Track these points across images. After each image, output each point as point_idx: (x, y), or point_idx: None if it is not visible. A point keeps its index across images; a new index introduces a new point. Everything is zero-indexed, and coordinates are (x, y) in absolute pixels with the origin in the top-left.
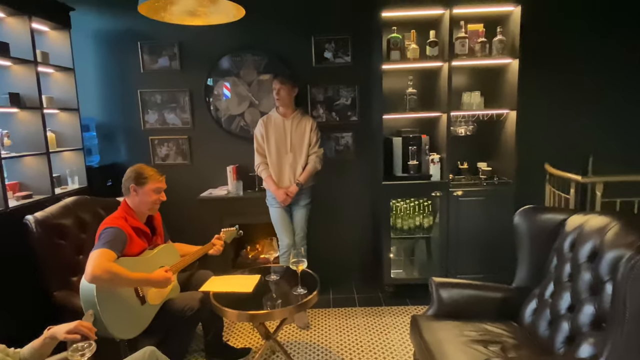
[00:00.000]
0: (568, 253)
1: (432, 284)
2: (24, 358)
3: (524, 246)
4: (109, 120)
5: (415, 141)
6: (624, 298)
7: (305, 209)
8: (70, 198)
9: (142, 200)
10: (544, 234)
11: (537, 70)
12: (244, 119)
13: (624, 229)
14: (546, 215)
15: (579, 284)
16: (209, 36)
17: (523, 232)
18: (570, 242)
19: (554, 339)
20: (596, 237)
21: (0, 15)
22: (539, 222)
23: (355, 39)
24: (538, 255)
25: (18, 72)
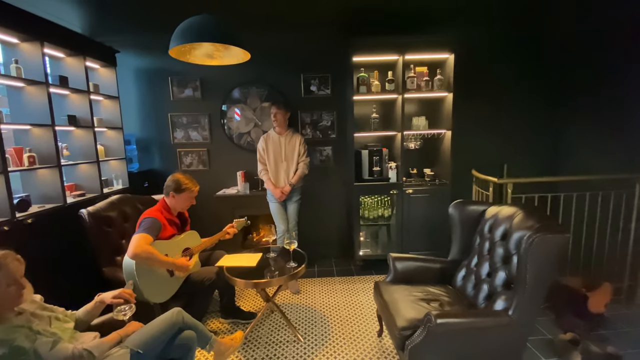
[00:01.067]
0: (487, 234)
1: (390, 258)
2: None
3: (456, 230)
4: (146, 136)
5: (377, 153)
6: (525, 265)
7: (297, 204)
8: (115, 196)
9: (178, 202)
10: (471, 220)
11: (467, 100)
12: (250, 136)
13: (526, 216)
14: (472, 207)
15: (494, 256)
16: (224, 73)
17: (455, 219)
18: (489, 226)
19: (478, 297)
20: (507, 222)
21: (61, 55)
22: (466, 212)
23: (334, 76)
24: (466, 236)
25: (75, 99)
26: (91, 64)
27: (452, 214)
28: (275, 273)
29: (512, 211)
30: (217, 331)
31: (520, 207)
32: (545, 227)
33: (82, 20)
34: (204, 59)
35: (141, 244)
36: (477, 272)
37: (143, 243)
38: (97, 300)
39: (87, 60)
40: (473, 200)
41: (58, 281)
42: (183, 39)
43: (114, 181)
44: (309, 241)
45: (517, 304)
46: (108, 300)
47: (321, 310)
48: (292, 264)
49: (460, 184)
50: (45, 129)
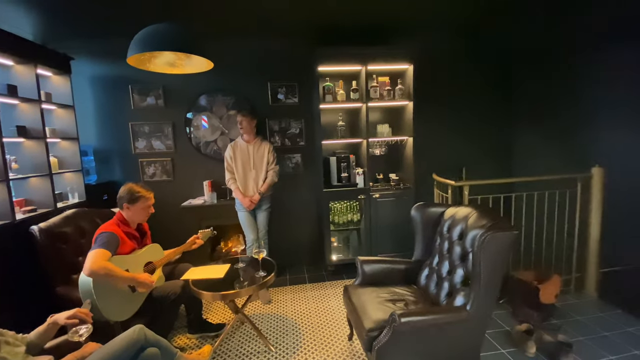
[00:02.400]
0: (446, 234)
1: (358, 262)
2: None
3: (418, 231)
4: (104, 146)
5: (345, 159)
6: (479, 262)
7: (267, 212)
8: (71, 210)
9: (134, 213)
10: (431, 222)
11: (426, 107)
12: (217, 144)
13: (479, 216)
14: (432, 209)
15: (453, 255)
16: (188, 81)
17: (417, 220)
18: (447, 226)
19: (439, 295)
20: (463, 222)
21: (10, 63)
22: (427, 214)
23: (301, 85)
24: (428, 237)
25: (24, 109)
26: (43, 72)
27: (414, 216)
28: (244, 283)
29: (467, 212)
30: (185, 347)
31: (475, 208)
32: (496, 225)
33: (33, 26)
34: (165, 68)
35: (98, 260)
36: (438, 271)
37: (100, 259)
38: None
39: (38, 68)
40: (434, 203)
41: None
42: (142, 47)
43: (70, 195)
44: (280, 249)
45: (474, 299)
46: (62, 322)
47: (293, 318)
48: (261, 273)
49: (422, 188)
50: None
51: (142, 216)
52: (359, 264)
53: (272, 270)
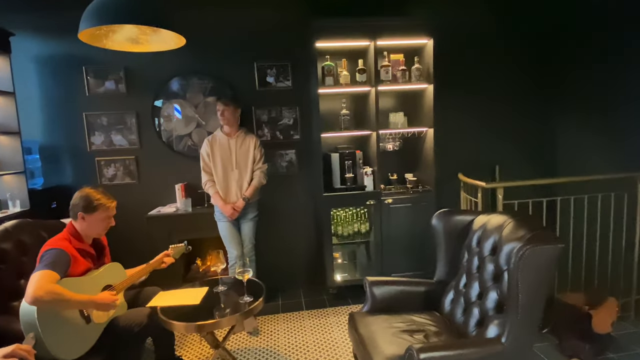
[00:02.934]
0: (475, 248)
1: (366, 283)
2: None
3: (441, 244)
4: (53, 142)
5: (350, 156)
6: (516, 283)
7: (253, 222)
8: (9, 222)
9: (89, 226)
10: (456, 233)
11: (449, 92)
12: (192, 139)
13: (516, 225)
14: (457, 217)
15: (484, 274)
16: (155, 61)
17: (439, 232)
18: (477, 238)
19: (468, 324)
20: (496, 233)
21: None
22: (452, 223)
23: (295, 66)
24: (452, 252)
25: None
26: None
27: (435, 226)
28: (226, 311)
29: (501, 220)
30: None
31: (510, 215)
32: (538, 237)
33: None
34: (126, 45)
35: (43, 283)
36: (466, 294)
37: (46, 282)
38: None
39: None
40: (458, 209)
41: None
42: (96, 20)
43: (10, 202)
44: (271, 268)
45: (511, 328)
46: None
47: (286, 353)
48: (247, 299)
49: (446, 191)
50: None
51: (100, 229)
52: (368, 286)
53: (260, 294)
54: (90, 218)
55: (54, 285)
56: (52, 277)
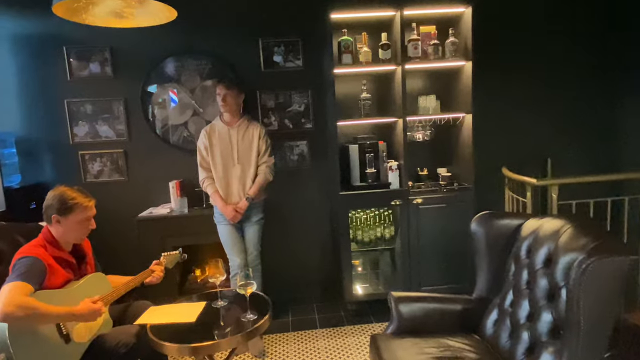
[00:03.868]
0: (525, 259)
1: (391, 300)
2: None
3: (482, 254)
4: (31, 134)
5: (372, 148)
6: (577, 303)
7: (258, 225)
8: None
9: (66, 231)
10: (501, 241)
11: (492, 71)
12: (187, 129)
13: (576, 231)
14: (502, 221)
15: (536, 291)
16: (145, 39)
17: (480, 239)
18: (526, 247)
19: (515, 351)
20: (550, 241)
21: None
22: (495, 229)
23: (306, 42)
24: (496, 263)
25: None
26: None
27: (475, 232)
28: (226, 331)
29: (557, 225)
30: None
31: (568, 220)
32: (603, 246)
33: None
34: (109, 19)
35: (14, 297)
36: (513, 315)
37: (17, 295)
38: None
39: None
40: (503, 212)
41: None
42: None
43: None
44: (279, 279)
45: (570, 357)
46: None
47: None
48: (250, 316)
49: (488, 189)
50: None
51: (79, 233)
52: (393, 304)
53: (266, 311)
54: (66, 221)
55: (27, 299)
56: (24, 289)
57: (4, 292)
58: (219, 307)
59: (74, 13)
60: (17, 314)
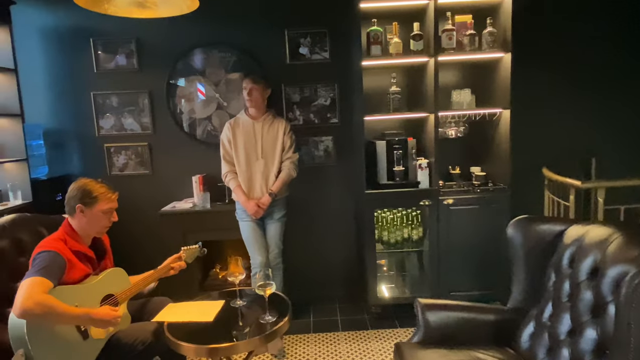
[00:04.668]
0: (567, 269)
1: (417, 306)
2: None
3: (519, 261)
4: (58, 126)
5: (400, 145)
6: (627, 321)
7: (280, 222)
8: (7, 217)
9: (89, 222)
10: (541, 248)
11: (533, 64)
12: (211, 123)
13: (627, 241)
14: (542, 226)
15: (579, 304)
16: (170, 31)
17: (517, 245)
18: (569, 256)
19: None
20: (597, 251)
21: None
22: (534, 234)
23: (334, 33)
24: (535, 272)
25: None
26: None
27: (512, 237)
28: (245, 332)
29: (604, 233)
30: None
31: (617, 227)
32: None
33: None
34: (132, 10)
35: (33, 293)
36: (552, 329)
37: (36, 292)
38: None
39: None
40: (543, 217)
41: None
42: None
43: (10, 194)
44: (301, 278)
45: None
46: None
47: None
48: (268, 318)
49: (526, 190)
50: None
51: (100, 226)
52: (420, 311)
53: (286, 312)
54: (90, 212)
55: (46, 296)
56: (44, 285)
57: (24, 288)
58: (238, 306)
59: (95, 3)
60: (35, 311)
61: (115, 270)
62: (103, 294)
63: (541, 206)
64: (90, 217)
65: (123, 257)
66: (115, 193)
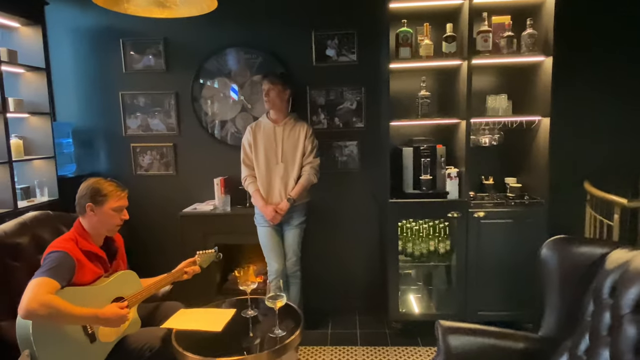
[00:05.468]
0: (608, 299)
1: (438, 329)
2: None
3: (553, 286)
4: (88, 125)
5: (428, 152)
6: None
7: (299, 229)
8: (29, 214)
9: (100, 220)
10: (579, 273)
11: (576, 69)
12: (235, 125)
13: None
14: (581, 249)
15: (621, 340)
16: (197, 31)
17: (552, 268)
18: (610, 284)
19: None
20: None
21: None
22: (572, 257)
23: (362, 35)
24: (571, 299)
25: None
26: (5, 21)
27: (546, 258)
28: (253, 345)
29: None
30: None
31: None
32: None
33: None
34: (152, 9)
35: (39, 293)
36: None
37: (42, 292)
38: None
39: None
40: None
41: None
42: None
43: (37, 190)
44: (320, 287)
45: None
46: None
47: None
48: (278, 332)
49: (565, 205)
50: None
51: (111, 224)
52: (441, 334)
53: (297, 326)
54: (100, 210)
55: (51, 297)
56: (50, 286)
57: (30, 288)
58: (249, 316)
59: (115, 2)
60: (40, 312)
61: (126, 273)
62: (113, 296)
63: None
64: (101, 216)
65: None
66: (125, 191)
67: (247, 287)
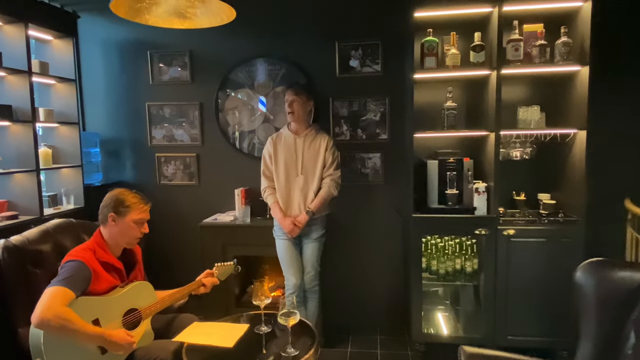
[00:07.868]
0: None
1: (461, 355)
2: None
3: (589, 313)
4: (115, 135)
5: (455, 165)
6: None
7: (318, 243)
8: (52, 221)
9: (120, 231)
10: (618, 299)
11: (615, 79)
12: (257, 136)
13: None
14: (621, 273)
15: None
16: (222, 43)
17: (588, 294)
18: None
19: None
20: None
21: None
22: (610, 282)
23: (387, 45)
24: (609, 328)
25: (13, 83)
26: (38, 34)
27: (582, 283)
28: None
29: None
30: None
31: None
32: None
33: None
34: (171, 20)
35: (53, 303)
36: None
37: (57, 303)
38: None
39: (32, 29)
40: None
41: None
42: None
43: (64, 198)
44: (340, 303)
45: None
46: None
47: None
48: (291, 351)
49: (602, 224)
50: None
51: (131, 237)
52: None
53: (311, 344)
54: (121, 221)
55: (65, 309)
56: (66, 296)
57: (45, 297)
58: (262, 333)
59: (136, 14)
60: (52, 323)
61: (142, 284)
62: (126, 307)
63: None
64: (122, 227)
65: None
66: (148, 204)
67: (260, 303)
